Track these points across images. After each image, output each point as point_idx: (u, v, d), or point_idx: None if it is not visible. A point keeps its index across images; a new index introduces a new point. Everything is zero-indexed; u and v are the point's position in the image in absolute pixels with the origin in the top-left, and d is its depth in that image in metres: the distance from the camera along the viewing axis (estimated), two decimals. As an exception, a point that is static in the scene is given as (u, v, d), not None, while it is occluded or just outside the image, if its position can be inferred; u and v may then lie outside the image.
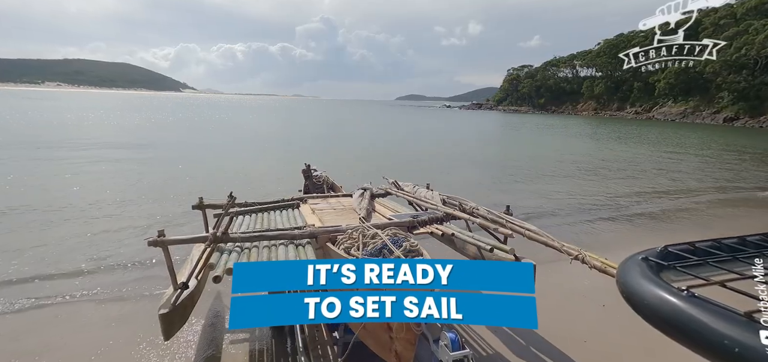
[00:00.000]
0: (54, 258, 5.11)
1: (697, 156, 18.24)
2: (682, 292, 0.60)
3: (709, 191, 10.76)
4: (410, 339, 2.01)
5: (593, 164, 15.27)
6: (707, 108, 50.79)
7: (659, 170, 14.28)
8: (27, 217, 6.62)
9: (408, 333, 2.00)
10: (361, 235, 2.74)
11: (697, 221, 8.06)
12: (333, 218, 3.53)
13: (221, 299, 4.17)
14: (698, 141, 25.37)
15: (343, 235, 2.87)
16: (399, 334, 2.02)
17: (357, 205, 3.78)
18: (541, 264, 3.74)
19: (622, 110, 65.96)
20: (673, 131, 34.59)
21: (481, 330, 3.51)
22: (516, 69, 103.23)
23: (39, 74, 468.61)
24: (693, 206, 9.11)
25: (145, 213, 7.06)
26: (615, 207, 8.82)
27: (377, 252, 2.53)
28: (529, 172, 13.30)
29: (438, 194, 4.17)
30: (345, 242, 2.76)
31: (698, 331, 0.53)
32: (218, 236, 2.65)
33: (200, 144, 17.25)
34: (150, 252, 4.94)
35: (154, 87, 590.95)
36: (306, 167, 5.61)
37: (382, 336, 2.14)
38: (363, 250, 2.58)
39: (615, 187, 11.00)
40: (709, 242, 0.79)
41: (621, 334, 3.32)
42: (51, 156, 12.23)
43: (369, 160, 14.59)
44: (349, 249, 2.66)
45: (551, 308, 3.60)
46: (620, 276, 0.75)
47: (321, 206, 4.03)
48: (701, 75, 49.88)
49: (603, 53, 72.30)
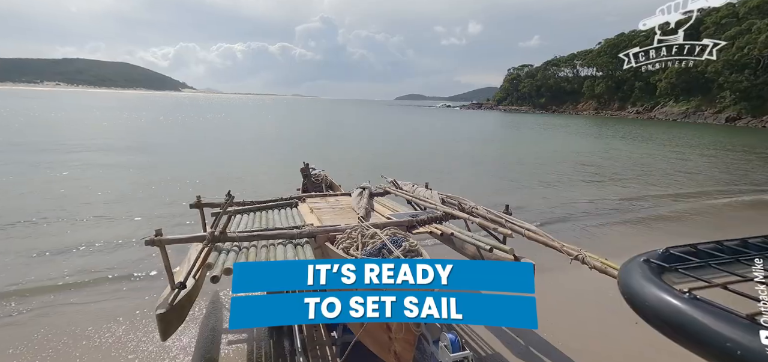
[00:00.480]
0: (47, 258, 5.08)
1: (704, 156, 18.17)
2: (684, 294, 0.60)
3: (721, 194, 10.55)
4: (409, 340, 2.00)
5: (599, 165, 15.17)
6: (709, 108, 50.55)
7: (667, 171, 14.14)
8: (15, 217, 6.56)
9: (407, 334, 1.99)
10: (360, 235, 2.73)
11: (711, 223, 7.90)
12: (332, 218, 3.52)
13: (219, 298, 4.17)
14: (703, 140, 25.28)
15: (342, 234, 2.85)
16: (398, 334, 2.01)
17: (356, 204, 3.77)
18: (540, 265, 3.74)
19: (623, 110, 65.84)
20: (676, 130, 34.50)
21: (481, 331, 3.50)
22: (516, 68, 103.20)
23: (38, 74, 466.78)
24: (705, 209, 8.98)
25: (141, 213, 7.03)
26: (624, 209, 8.71)
27: (376, 252, 2.51)
28: (534, 173, 13.23)
29: (437, 193, 4.16)
30: (344, 242, 2.74)
31: (700, 333, 0.54)
32: (216, 235, 2.63)
33: (199, 144, 17.25)
34: (147, 252, 4.96)
35: (154, 87, 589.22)
36: (304, 166, 5.57)
37: (382, 336, 2.12)
38: (362, 250, 2.57)
39: (623, 189, 10.86)
40: (711, 244, 0.79)
41: (622, 336, 3.33)
42: (46, 158, 12.05)
43: (369, 159, 14.58)
44: (347, 249, 2.65)
45: (551, 309, 3.60)
46: (622, 277, 0.75)
47: (319, 205, 4.02)
48: (703, 75, 49.70)
49: (604, 53, 72.26)
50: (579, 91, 79.68)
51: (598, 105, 72.53)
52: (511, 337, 3.45)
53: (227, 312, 3.80)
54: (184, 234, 2.83)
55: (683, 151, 19.96)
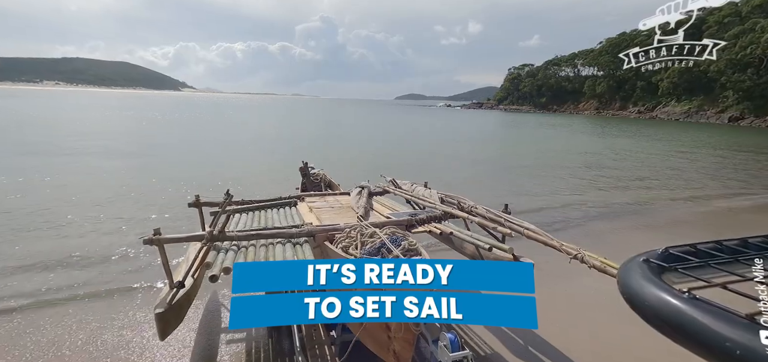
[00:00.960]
0: (43, 257, 5.01)
1: (712, 156, 18.00)
2: (683, 294, 0.60)
3: (731, 197, 10.34)
4: (409, 339, 2.00)
5: (608, 166, 14.94)
6: (712, 107, 50.25)
7: (678, 171, 13.93)
8: (13, 215, 6.51)
9: (406, 333, 1.99)
10: (359, 234, 2.72)
11: (729, 225, 7.74)
12: (331, 217, 3.51)
13: (217, 298, 4.16)
14: (712, 140, 25.07)
15: (341, 233, 2.84)
16: (397, 334, 2.01)
17: (355, 203, 3.76)
18: (539, 265, 3.82)
19: (625, 110, 65.60)
20: (680, 130, 34.19)
21: (480, 330, 3.49)
22: (517, 68, 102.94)
23: (37, 73, 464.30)
24: (720, 210, 8.80)
25: (139, 213, 6.95)
26: (637, 212, 8.52)
27: (375, 251, 2.49)
28: (540, 173, 13.06)
29: (436, 192, 4.15)
30: (343, 241, 2.73)
31: (699, 333, 0.54)
32: (215, 234, 2.61)
33: (197, 143, 17.20)
34: (145, 251, 4.92)
35: (153, 86, 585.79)
36: (303, 165, 5.57)
37: (381, 335, 2.12)
38: (361, 249, 2.56)
39: (636, 191, 10.61)
40: (711, 244, 0.80)
41: (621, 336, 3.31)
42: (43, 159, 11.82)
43: (369, 159, 14.53)
44: (347, 248, 2.64)
45: (551, 308, 3.59)
46: (621, 277, 0.75)
47: (318, 205, 4.02)
48: (705, 74, 49.46)
49: (605, 52, 72.01)
50: (580, 90, 79.48)
51: (600, 105, 72.32)
52: (510, 337, 3.43)
53: (226, 311, 3.78)
54: (182, 233, 2.82)
55: (693, 151, 19.70)
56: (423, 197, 4.02)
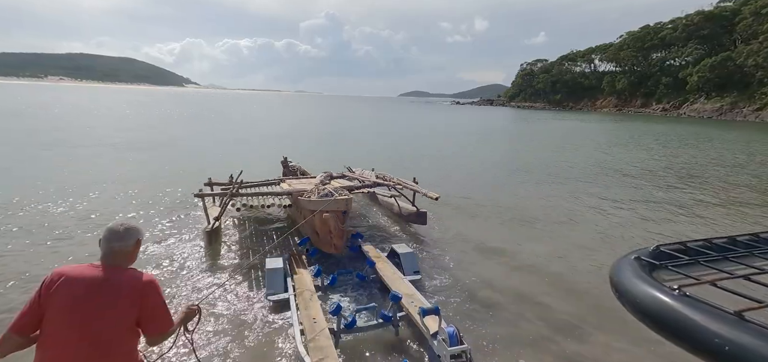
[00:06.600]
0: (64, 233, 5.08)
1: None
2: (674, 291, 0.61)
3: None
4: (339, 216, 4.12)
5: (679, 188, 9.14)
6: (748, 104, 44.80)
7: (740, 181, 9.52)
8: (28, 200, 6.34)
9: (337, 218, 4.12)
10: (317, 188, 4.88)
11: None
12: (302, 187, 5.45)
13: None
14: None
15: (307, 193, 4.83)
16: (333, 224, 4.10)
17: (318, 181, 5.63)
18: (540, 263, 4.70)
19: (647, 107, 60.91)
20: (720, 131, 26.69)
21: (480, 325, 3.37)
22: (529, 63, 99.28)
23: (42, 69, 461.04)
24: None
25: (147, 198, 6.92)
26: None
27: (326, 195, 4.49)
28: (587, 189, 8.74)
29: (374, 173, 6.38)
30: (307, 196, 4.71)
31: (690, 330, 0.56)
32: (234, 191, 4.82)
33: (196, 142, 16.88)
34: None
35: (158, 82, 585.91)
36: (284, 159, 7.82)
37: (326, 236, 4.23)
38: (317, 195, 4.61)
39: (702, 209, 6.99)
40: (701, 242, 0.82)
41: (620, 334, 3.23)
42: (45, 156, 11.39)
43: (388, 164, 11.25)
44: (309, 197, 4.63)
45: (551, 305, 3.66)
46: (613, 274, 0.76)
47: (294, 183, 5.95)
48: (741, 68, 45.72)
49: (626, 46, 68.17)
50: (597, 87, 75.00)
51: (619, 101, 66.98)
52: (510, 331, 3.32)
53: (223, 304, 3.53)
54: (216, 191, 5.29)
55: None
56: (365, 177, 6.06)
